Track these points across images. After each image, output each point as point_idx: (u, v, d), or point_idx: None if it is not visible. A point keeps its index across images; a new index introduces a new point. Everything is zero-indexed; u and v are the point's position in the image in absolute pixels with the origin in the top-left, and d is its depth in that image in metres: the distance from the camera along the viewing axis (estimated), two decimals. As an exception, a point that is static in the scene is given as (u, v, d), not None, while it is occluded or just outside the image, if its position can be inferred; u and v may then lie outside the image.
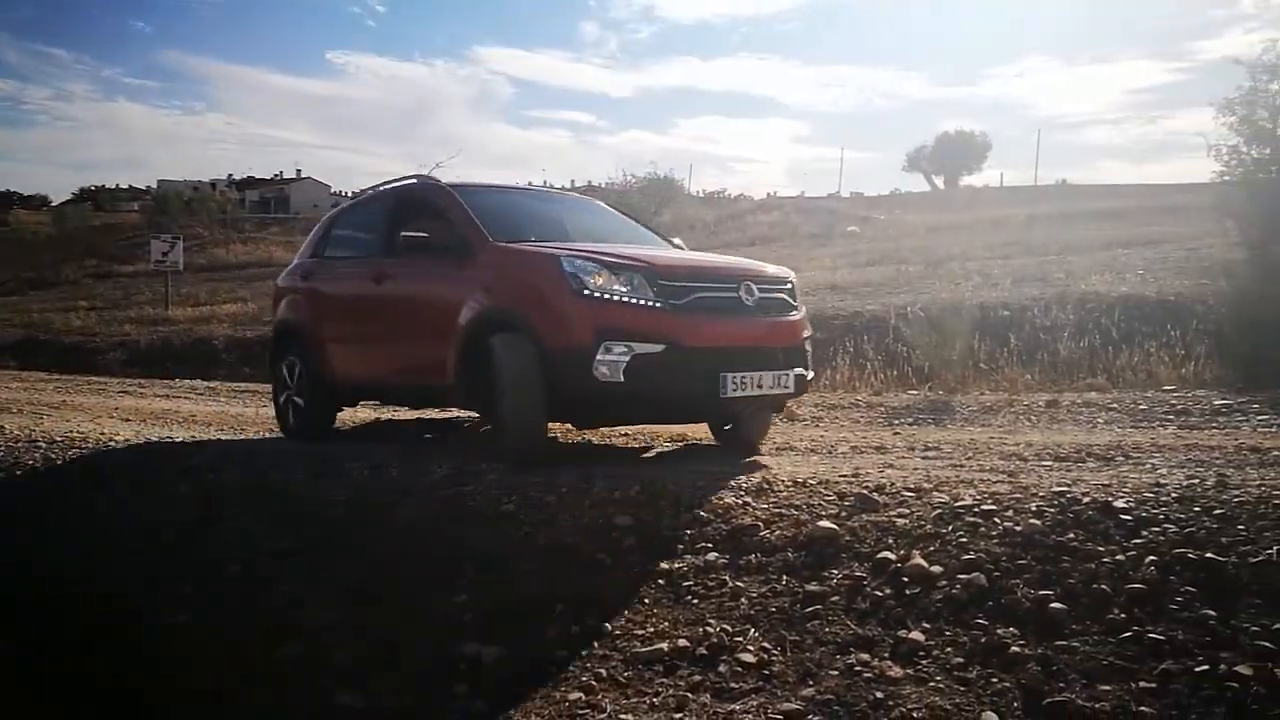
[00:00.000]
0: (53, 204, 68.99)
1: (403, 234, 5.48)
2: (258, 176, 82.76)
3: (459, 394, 5.34)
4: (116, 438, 6.91)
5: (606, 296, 4.61)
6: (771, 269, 5.39)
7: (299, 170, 79.03)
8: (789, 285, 5.33)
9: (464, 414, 7.37)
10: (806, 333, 5.33)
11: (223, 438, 7.30)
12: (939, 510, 3.62)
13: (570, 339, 4.58)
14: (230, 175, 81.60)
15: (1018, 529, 3.38)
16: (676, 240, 6.56)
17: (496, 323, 5.00)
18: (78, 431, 7.23)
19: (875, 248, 20.60)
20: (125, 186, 77.57)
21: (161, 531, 4.91)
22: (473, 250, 5.29)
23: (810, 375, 5.39)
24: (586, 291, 4.61)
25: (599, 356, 4.47)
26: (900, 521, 3.58)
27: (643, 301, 4.61)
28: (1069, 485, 3.71)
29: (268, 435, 7.46)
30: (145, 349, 17.36)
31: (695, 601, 3.43)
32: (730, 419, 5.62)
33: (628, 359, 4.48)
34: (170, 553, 4.69)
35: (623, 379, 4.48)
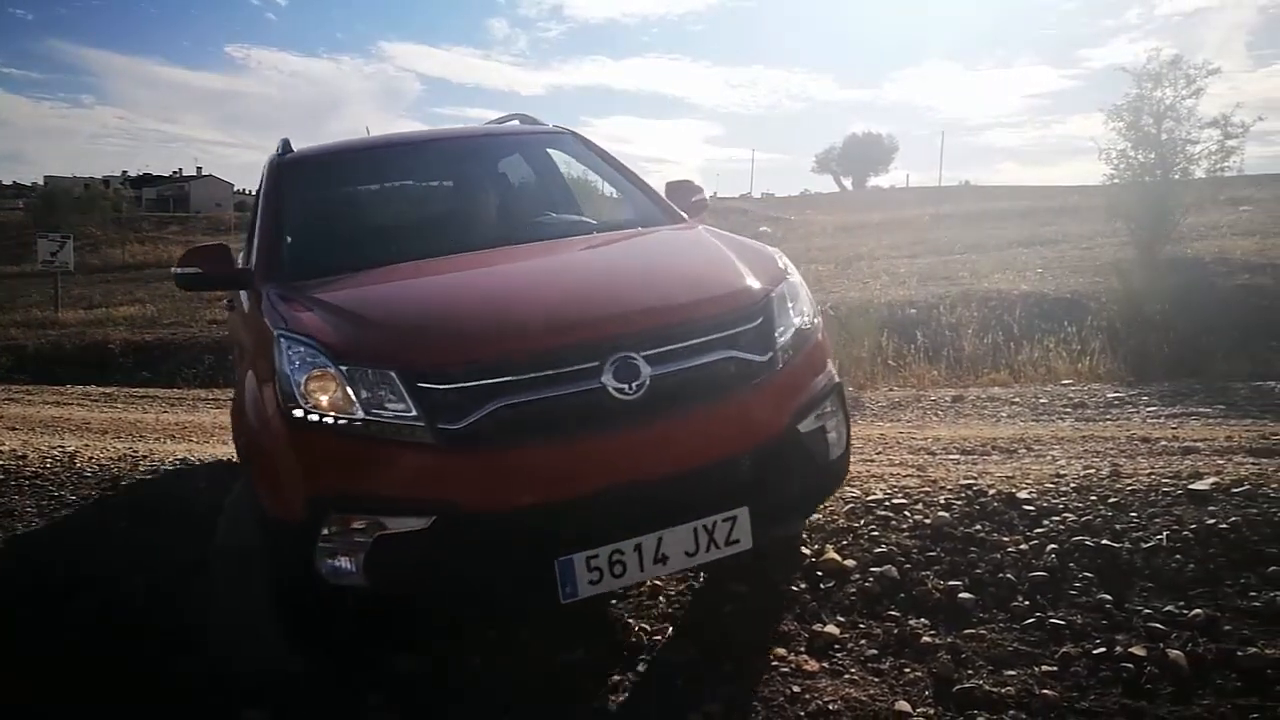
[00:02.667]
0: (-74, 201, 65.09)
1: (175, 268, 3.60)
2: (155, 174, 79.64)
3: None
4: (2, 448, 6.53)
5: (329, 422, 2.59)
6: (707, 289, 2.93)
7: (199, 168, 76.47)
8: (755, 312, 2.83)
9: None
10: (800, 403, 2.83)
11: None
12: (851, 505, 3.69)
13: (281, 506, 2.73)
14: (125, 172, 78.37)
15: (927, 522, 3.47)
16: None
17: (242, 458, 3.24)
18: (-42, 442, 6.80)
19: (786, 248, 20.94)
20: (9, 184, 73.68)
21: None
22: (255, 300, 3.38)
23: (804, 512, 3.24)
24: (299, 412, 2.62)
25: (321, 542, 2.57)
26: (814, 517, 3.64)
27: (396, 425, 2.55)
28: (975, 478, 3.83)
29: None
30: (33, 353, 16.47)
31: (614, 602, 3.42)
32: None
33: (369, 544, 2.55)
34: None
35: (364, 579, 2.57)
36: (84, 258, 27.05)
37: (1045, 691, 2.64)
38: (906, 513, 3.56)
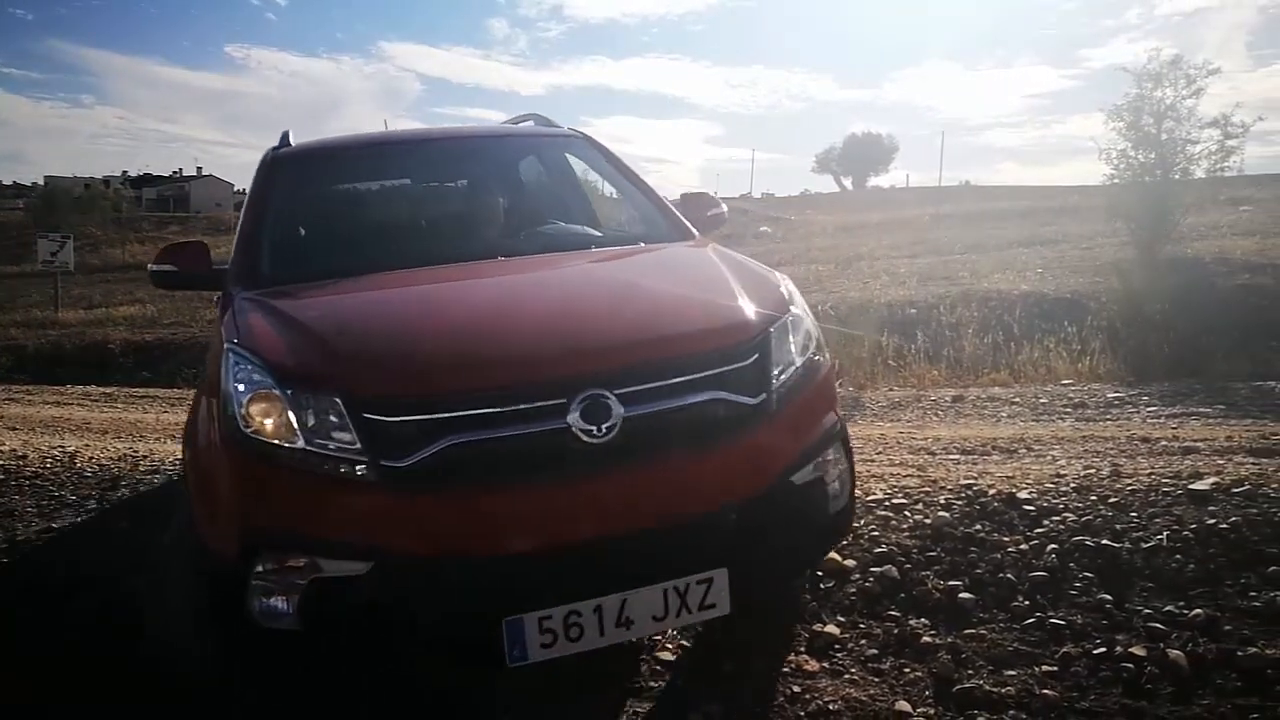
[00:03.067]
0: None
1: (151, 265, 3.54)
2: (155, 174, 79.71)
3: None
4: (2, 448, 6.53)
5: (270, 450, 2.36)
6: (696, 320, 2.68)
7: (200, 168, 76.58)
8: (749, 349, 2.56)
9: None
10: (795, 452, 2.56)
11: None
12: (851, 502, 3.68)
13: (217, 538, 2.49)
14: (125, 172, 78.46)
15: (927, 522, 3.47)
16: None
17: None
18: (-41, 442, 6.80)
19: (787, 248, 20.97)
20: (9, 184, 73.73)
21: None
22: (225, 304, 3.19)
23: (795, 572, 3.03)
24: (240, 437, 2.40)
25: (255, 580, 2.34)
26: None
27: (338, 458, 2.31)
28: (975, 478, 3.84)
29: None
30: (33, 353, 16.48)
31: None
32: None
33: (304, 587, 2.31)
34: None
35: (298, 623, 2.34)
36: (84, 258, 27.06)
37: (1045, 691, 2.64)
38: (906, 513, 3.56)
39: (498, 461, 2.30)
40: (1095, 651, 2.75)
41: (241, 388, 2.44)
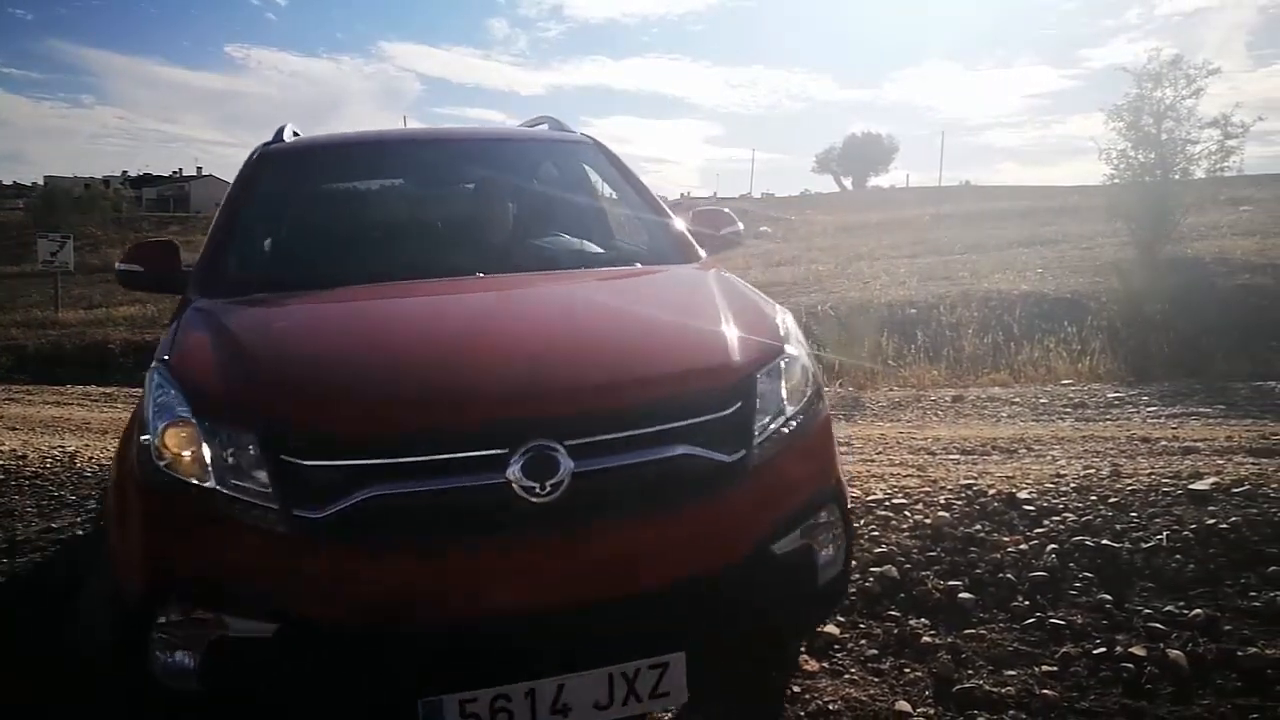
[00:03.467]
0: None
1: (118, 264, 3.35)
2: (155, 174, 79.75)
3: None
4: (2, 448, 6.53)
5: (181, 489, 2.10)
6: (669, 362, 2.35)
7: (200, 168, 76.54)
8: (728, 397, 2.22)
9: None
10: (778, 517, 2.22)
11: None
12: (851, 505, 3.68)
13: (125, 578, 2.21)
14: (125, 172, 78.48)
15: (927, 522, 3.47)
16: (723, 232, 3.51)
17: None
18: (-41, 442, 6.81)
19: (787, 248, 20.98)
20: (9, 184, 73.78)
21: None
22: (177, 312, 2.98)
23: (773, 648, 2.71)
24: (153, 470, 2.15)
25: (158, 631, 2.07)
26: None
27: (249, 504, 2.03)
28: (975, 478, 3.84)
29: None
30: (33, 353, 16.49)
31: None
32: None
33: (206, 644, 2.04)
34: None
35: (199, 683, 2.06)
36: (84, 258, 27.07)
37: (1045, 691, 2.63)
38: (906, 513, 3.57)
39: (425, 519, 1.99)
40: (1095, 651, 2.75)
41: (159, 412, 2.20)
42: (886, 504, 3.64)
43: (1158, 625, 2.80)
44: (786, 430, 2.28)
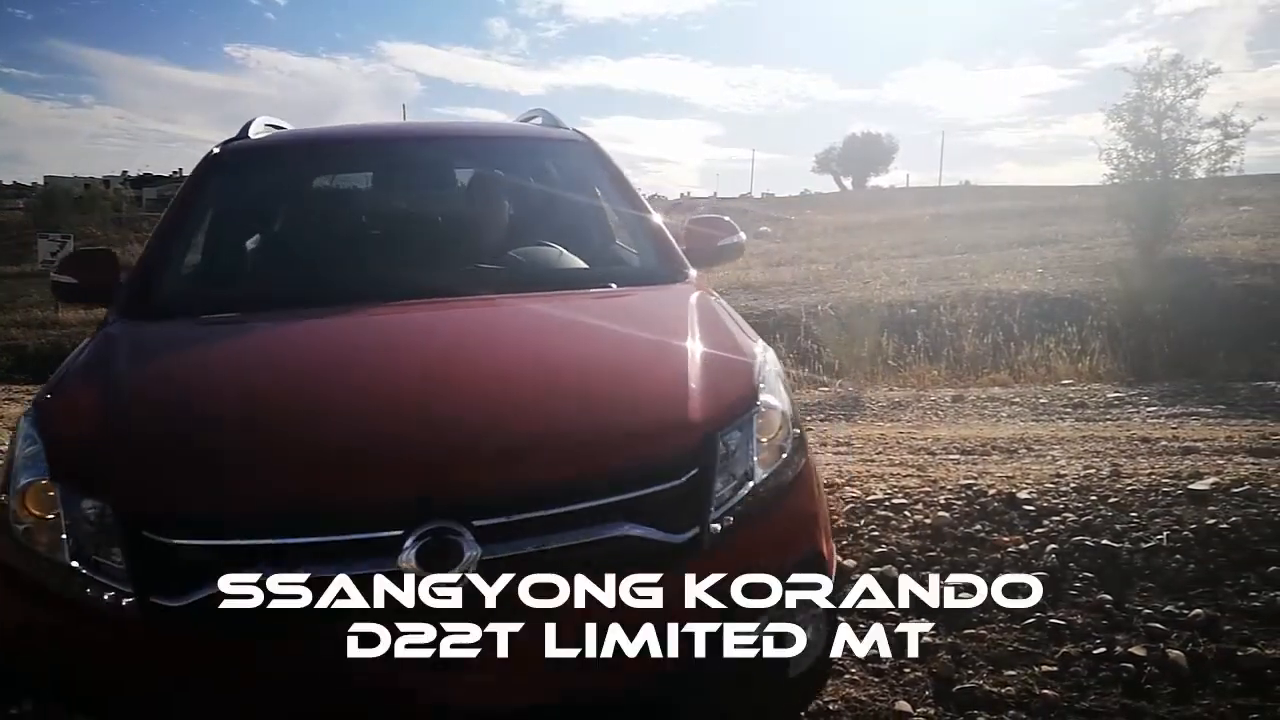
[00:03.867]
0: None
1: (53, 274, 3.03)
2: (155, 174, 79.78)
3: None
4: (3, 449, 6.54)
5: (36, 556, 1.81)
6: (609, 417, 1.96)
7: (200, 167, 76.27)
8: (680, 463, 1.84)
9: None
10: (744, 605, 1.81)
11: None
12: (851, 505, 3.69)
13: None
14: (125, 172, 78.44)
15: (927, 522, 3.47)
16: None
17: None
18: (-41, 442, 6.81)
19: (787, 248, 20.97)
20: (9, 184, 73.77)
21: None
22: (92, 336, 2.71)
23: None
24: (5, 533, 1.88)
25: None
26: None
27: (103, 584, 1.74)
28: (975, 478, 3.84)
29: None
30: (33, 353, 16.48)
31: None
32: None
33: None
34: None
35: None
36: (84, 258, 26.99)
37: (1045, 691, 2.63)
38: (906, 513, 3.56)
39: (299, 613, 1.64)
40: (1095, 651, 2.75)
41: (20, 465, 1.89)
42: (886, 504, 3.64)
43: (1158, 625, 2.80)
44: (754, 499, 1.89)
